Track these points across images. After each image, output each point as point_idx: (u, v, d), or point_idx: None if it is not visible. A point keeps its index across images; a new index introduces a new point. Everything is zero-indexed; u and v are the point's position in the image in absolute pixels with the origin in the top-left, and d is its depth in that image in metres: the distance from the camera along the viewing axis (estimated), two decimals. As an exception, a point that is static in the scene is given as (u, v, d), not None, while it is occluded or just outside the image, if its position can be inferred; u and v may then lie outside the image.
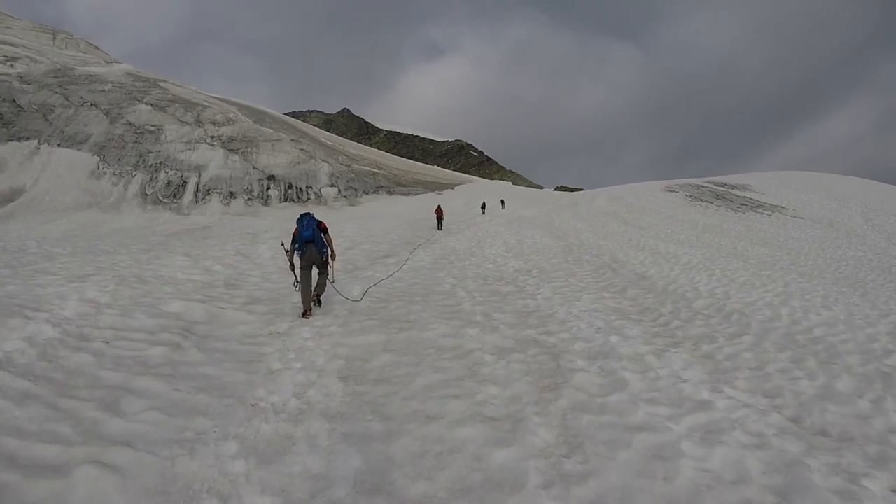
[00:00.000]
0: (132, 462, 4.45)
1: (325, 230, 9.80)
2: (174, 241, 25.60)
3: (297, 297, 11.04)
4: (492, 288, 12.52)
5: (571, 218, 39.14)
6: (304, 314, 9.45)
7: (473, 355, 7.57)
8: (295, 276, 9.87)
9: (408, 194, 68.13)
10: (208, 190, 53.89)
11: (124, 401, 5.57)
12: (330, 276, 10.45)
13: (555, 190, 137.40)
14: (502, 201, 59.85)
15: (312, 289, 9.67)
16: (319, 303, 10.12)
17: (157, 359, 6.94)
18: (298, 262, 9.95)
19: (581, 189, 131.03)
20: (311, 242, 9.46)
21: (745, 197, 60.33)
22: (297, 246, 9.48)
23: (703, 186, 69.86)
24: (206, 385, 6.25)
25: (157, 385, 6.06)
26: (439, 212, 34.04)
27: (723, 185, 72.99)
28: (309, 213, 9.75)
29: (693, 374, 7.21)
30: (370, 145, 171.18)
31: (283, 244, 11.19)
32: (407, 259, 17.13)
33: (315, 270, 10.07)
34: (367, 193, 63.35)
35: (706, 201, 54.46)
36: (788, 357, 8.03)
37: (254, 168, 58.93)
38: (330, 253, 10.03)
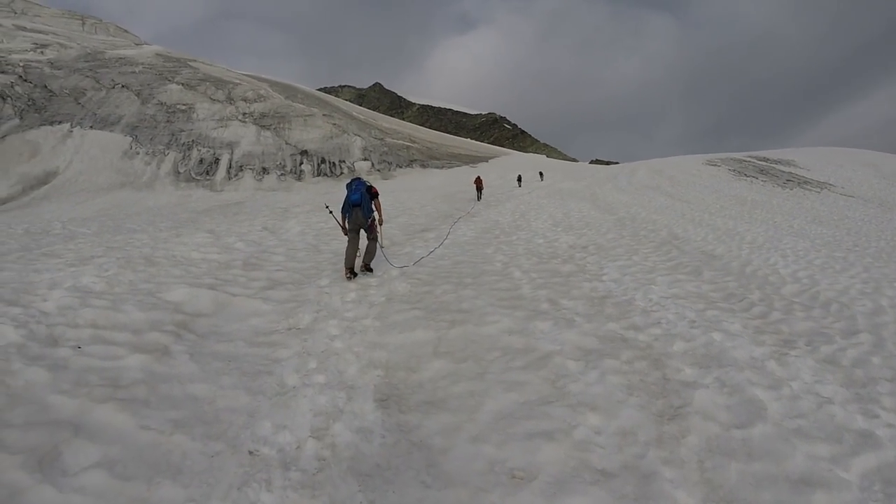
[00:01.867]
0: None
1: (375, 195, 9.72)
2: (203, 218, 24.61)
3: (324, 279, 9.41)
4: (549, 267, 10.61)
5: (614, 191, 36.64)
6: (347, 276, 9.35)
7: (553, 362, 5.69)
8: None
9: (442, 167, 66.11)
10: (241, 166, 53.32)
11: (68, 449, 3.80)
12: (379, 241, 10.31)
13: (590, 163, 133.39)
14: (541, 173, 57.34)
15: (360, 254, 9.64)
16: (370, 270, 9.83)
17: (132, 373, 5.17)
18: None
19: (616, 163, 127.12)
20: (358, 206, 9.39)
21: (791, 173, 56.74)
22: (344, 209, 9.52)
23: (745, 161, 66.29)
24: (189, 416, 4.45)
25: (121, 419, 4.27)
26: (479, 182, 32.25)
27: (766, 160, 69.25)
28: (359, 178, 9.73)
29: (831, 389, 5.32)
30: (403, 119, 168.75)
31: (328, 209, 11.25)
32: (448, 233, 15.25)
33: (363, 236, 10.01)
34: (401, 167, 61.75)
35: (750, 176, 51.11)
36: (924, 365, 6.13)
37: (286, 143, 58.16)
38: (378, 218, 10.05)
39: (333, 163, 57.03)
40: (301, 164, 55.55)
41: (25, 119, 56.89)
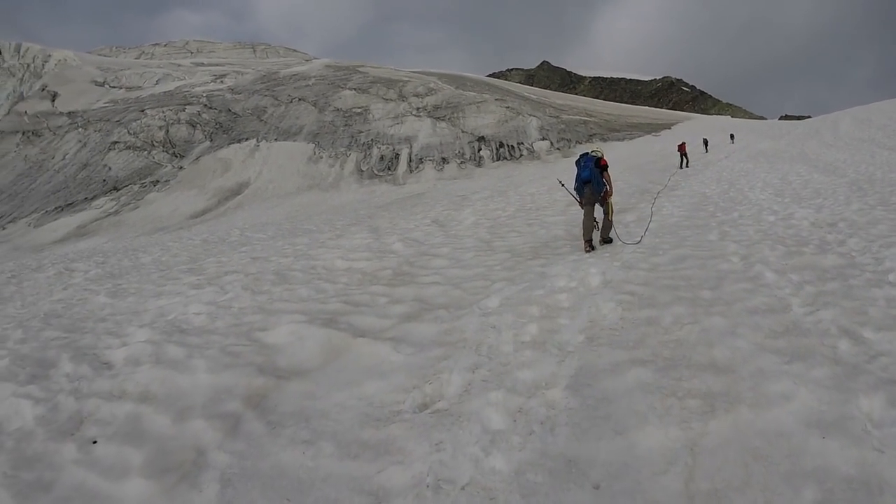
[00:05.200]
0: None
1: (604, 167, 9.24)
2: (381, 212, 23.82)
3: (493, 297, 6.34)
4: (805, 261, 6.64)
5: (822, 147, 30.28)
6: (586, 249, 8.77)
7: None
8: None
9: (623, 139, 60.79)
10: (421, 159, 53.46)
11: None
12: (608, 215, 9.76)
13: (779, 120, 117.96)
14: (731, 135, 50.86)
15: (595, 225, 9.26)
16: (609, 241, 9.12)
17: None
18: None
19: (808, 117, 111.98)
20: (588, 183, 9.00)
21: None
22: (576, 186, 9.21)
23: (971, 98, 54.35)
24: None
25: None
26: (683, 148, 28.91)
27: None
28: (587, 153, 9.42)
29: None
30: (575, 94, 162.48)
31: (561, 182, 10.75)
32: (651, 215, 11.77)
33: (598, 208, 9.46)
34: (581, 143, 57.43)
35: (979, 116, 41.12)
36: None
37: (462, 132, 57.46)
38: (609, 190, 9.39)
39: (512, 146, 54.93)
40: (479, 150, 54.40)
41: (215, 140, 62.68)
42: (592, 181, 8.91)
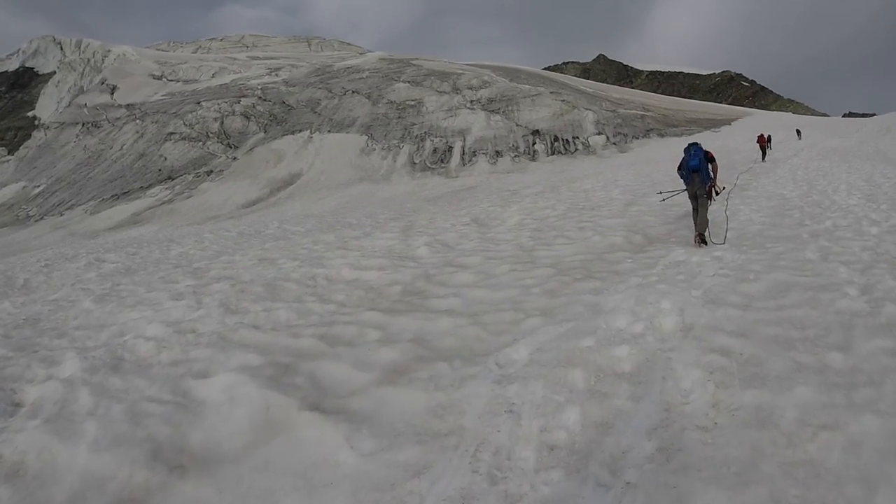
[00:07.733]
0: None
1: (711, 159, 9.22)
2: (427, 206, 22.87)
3: (520, 345, 4.35)
4: None
5: None
6: (696, 242, 8.64)
7: None
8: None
9: (681, 135, 58.19)
10: (474, 152, 52.40)
11: None
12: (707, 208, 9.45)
13: (843, 117, 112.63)
14: (798, 131, 48.49)
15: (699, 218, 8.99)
16: (705, 242, 8.69)
17: None
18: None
19: (873, 115, 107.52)
20: (697, 172, 8.93)
21: None
22: (683, 174, 9.21)
23: None
24: None
25: None
26: (762, 140, 27.47)
27: None
28: (697, 143, 9.37)
29: None
30: (632, 88, 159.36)
31: (661, 194, 11.51)
32: (727, 220, 9.94)
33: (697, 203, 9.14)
34: (637, 138, 55.14)
35: None
36: None
37: (517, 125, 56.05)
38: (713, 183, 9.28)
39: (567, 140, 53.06)
40: (534, 144, 52.76)
41: (269, 132, 63.12)
42: (701, 171, 8.88)
